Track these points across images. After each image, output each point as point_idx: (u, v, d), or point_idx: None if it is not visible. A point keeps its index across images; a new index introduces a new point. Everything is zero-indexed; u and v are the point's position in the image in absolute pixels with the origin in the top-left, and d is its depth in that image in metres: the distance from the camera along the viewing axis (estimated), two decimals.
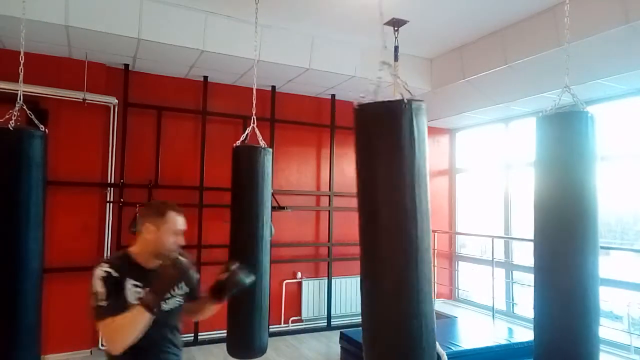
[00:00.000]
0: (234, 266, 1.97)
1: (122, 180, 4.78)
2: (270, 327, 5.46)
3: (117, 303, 1.67)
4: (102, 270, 1.70)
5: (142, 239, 1.84)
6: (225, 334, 4.84)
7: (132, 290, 1.73)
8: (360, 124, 1.72)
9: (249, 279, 1.99)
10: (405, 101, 1.61)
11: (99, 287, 1.67)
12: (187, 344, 4.97)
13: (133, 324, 1.64)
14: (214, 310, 2.05)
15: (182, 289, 1.80)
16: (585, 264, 2.17)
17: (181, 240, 1.86)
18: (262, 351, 2.99)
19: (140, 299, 1.66)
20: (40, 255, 2.51)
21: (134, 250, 1.84)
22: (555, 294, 2.24)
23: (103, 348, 4.64)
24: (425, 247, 1.64)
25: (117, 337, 1.66)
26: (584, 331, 2.17)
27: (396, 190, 1.62)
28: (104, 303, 1.65)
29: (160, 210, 1.85)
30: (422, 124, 1.65)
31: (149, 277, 1.75)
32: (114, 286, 1.70)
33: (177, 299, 1.87)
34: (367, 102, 1.70)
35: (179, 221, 1.85)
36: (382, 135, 1.66)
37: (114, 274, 1.71)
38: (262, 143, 3.16)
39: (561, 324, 2.20)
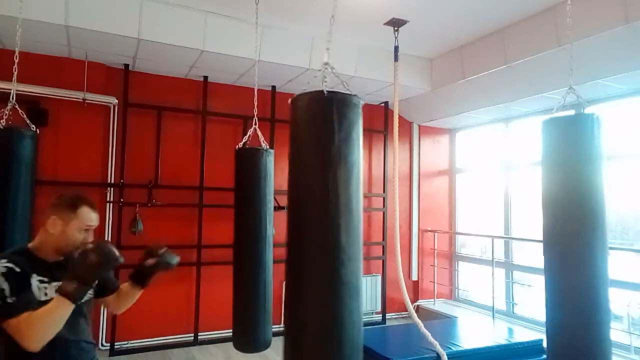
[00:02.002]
0: (161, 250, 1.94)
1: (122, 180, 4.77)
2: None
3: (25, 299, 1.53)
4: (1, 266, 1.54)
5: (44, 232, 1.68)
6: (224, 334, 4.87)
7: (38, 286, 1.60)
8: (292, 115, 1.71)
9: (175, 261, 1.98)
10: (325, 93, 1.62)
11: (1, 283, 1.51)
12: (187, 344, 4.98)
13: (53, 316, 1.50)
14: (137, 297, 1.98)
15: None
16: (595, 264, 2.19)
17: (89, 237, 1.73)
18: (267, 345, 3.11)
19: (59, 288, 1.53)
20: None
21: (33, 244, 1.70)
22: (566, 294, 2.25)
23: (103, 348, 4.64)
24: (352, 241, 1.57)
25: (35, 333, 1.48)
26: (596, 332, 2.17)
27: (317, 182, 1.58)
28: (11, 300, 1.50)
29: (72, 203, 1.70)
30: (346, 114, 1.61)
31: (53, 271, 1.65)
32: (19, 281, 1.55)
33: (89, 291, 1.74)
34: (302, 94, 1.70)
35: (91, 217, 1.72)
36: (307, 125, 1.65)
37: (16, 268, 1.56)
38: (263, 144, 3.17)
39: (573, 325, 2.21)
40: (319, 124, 1.63)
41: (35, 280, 1.60)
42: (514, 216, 5.99)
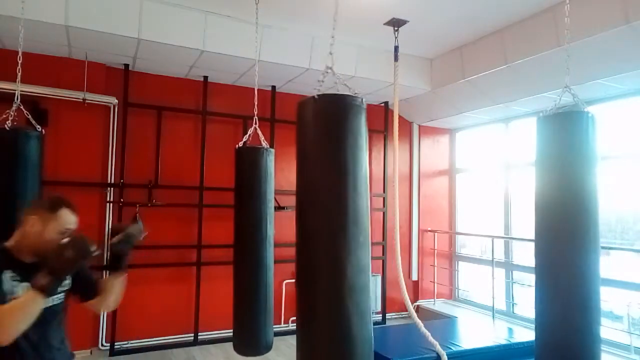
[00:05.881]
0: (126, 226, 1.91)
1: (122, 180, 4.77)
2: None
3: None
4: None
5: (21, 232, 1.68)
6: (224, 334, 4.84)
7: (10, 283, 1.60)
8: (302, 117, 1.75)
9: (140, 232, 1.93)
10: (362, 99, 1.68)
11: None
12: (187, 344, 4.98)
13: (24, 310, 1.50)
14: (122, 285, 1.92)
15: (67, 279, 1.67)
16: (586, 263, 2.18)
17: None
18: (268, 348, 3.06)
19: (33, 282, 1.53)
20: None
21: (9, 243, 1.70)
22: (556, 293, 2.25)
23: (103, 348, 4.65)
24: (361, 243, 1.65)
25: (3, 325, 1.48)
26: (585, 331, 2.17)
27: (327, 185, 1.65)
28: None
29: (52, 205, 1.70)
30: (360, 119, 1.72)
31: (28, 271, 1.64)
32: None
33: (59, 294, 1.74)
34: (323, 94, 1.74)
35: (70, 220, 1.72)
36: (320, 129, 1.71)
37: None
38: (264, 143, 3.17)
39: (562, 324, 2.21)
40: (326, 128, 1.66)
41: (7, 277, 1.60)
42: (514, 216, 5.99)
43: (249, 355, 3.08)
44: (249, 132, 3.34)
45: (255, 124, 3.29)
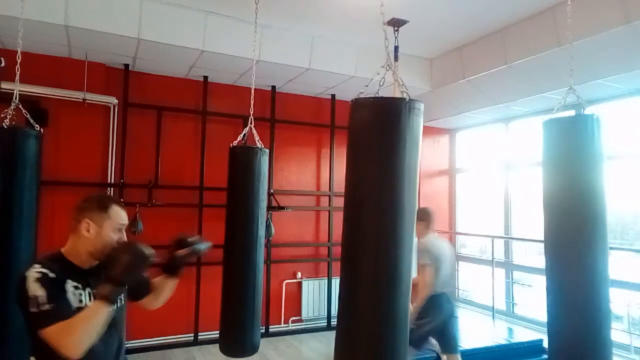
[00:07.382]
0: (191, 239, 1.94)
1: (122, 180, 4.78)
2: (270, 327, 5.46)
3: (62, 306, 1.48)
4: (35, 271, 1.48)
5: (78, 237, 1.61)
6: None
7: (73, 292, 1.54)
8: (357, 119, 1.73)
9: (205, 246, 1.98)
10: (407, 100, 1.66)
11: (37, 290, 1.44)
12: (187, 344, 4.98)
13: (92, 322, 1.45)
14: (174, 287, 1.94)
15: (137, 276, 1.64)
16: (596, 265, 2.19)
17: (123, 236, 1.67)
18: (254, 350, 2.99)
19: (96, 292, 1.49)
20: (32, 255, 2.49)
21: (66, 250, 1.63)
22: (566, 295, 2.25)
23: None
24: (407, 251, 1.66)
25: (74, 340, 1.42)
26: (596, 333, 2.17)
27: (384, 189, 1.63)
28: (48, 307, 1.44)
29: (102, 204, 1.65)
30: (418, 124, 1.68)
31: (87, 278, 1.60)
32: (54, 287, 1.49)
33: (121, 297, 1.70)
34: (366, 97, 1.72)
35: (122, 215, 1.67)
36: (379, 131, 1.68)
37: (50, 274, 1.50)
38: (259, 143, 3.16)
39: (573, 326, 2.21)
40: (393, 131, 1.67)
41: (70, 286, 1.55)
42: (514, 216, 5.99)
43: (235, 357, 3.00)
44: (243, 132, 3.32)
45: (251, 123, 3.26)
